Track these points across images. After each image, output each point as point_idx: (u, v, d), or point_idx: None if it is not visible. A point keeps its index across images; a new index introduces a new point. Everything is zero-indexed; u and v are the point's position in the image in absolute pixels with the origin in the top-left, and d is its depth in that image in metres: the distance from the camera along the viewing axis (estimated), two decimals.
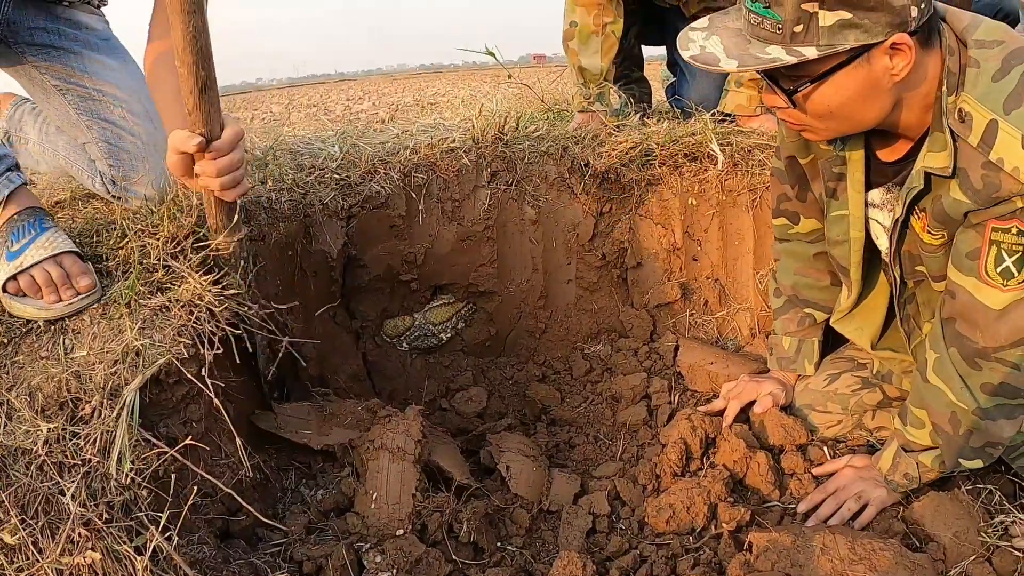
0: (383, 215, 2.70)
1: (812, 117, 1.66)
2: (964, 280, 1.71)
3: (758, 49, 1.56)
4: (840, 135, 1.78)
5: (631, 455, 2.41)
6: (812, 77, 1.58)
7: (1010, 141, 1.49)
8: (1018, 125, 1.48)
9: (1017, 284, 1.62)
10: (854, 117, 1.66)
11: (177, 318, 1.85)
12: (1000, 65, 1.53)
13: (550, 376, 2.95)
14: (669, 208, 2.99)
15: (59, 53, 2.29)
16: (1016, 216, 1.56)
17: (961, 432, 1.80)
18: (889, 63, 1.54)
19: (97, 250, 2.05)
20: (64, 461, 1.54)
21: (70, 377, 1.67)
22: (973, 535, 1.82)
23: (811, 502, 2.05)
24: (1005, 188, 1.53)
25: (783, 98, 1.65)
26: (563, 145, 2.98)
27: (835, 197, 2.01)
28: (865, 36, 1.49)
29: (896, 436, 2.00)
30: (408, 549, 1.80)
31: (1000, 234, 1.60)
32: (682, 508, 2.01)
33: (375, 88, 35.29)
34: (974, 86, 1.55)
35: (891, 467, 1.99)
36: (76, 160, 2.35)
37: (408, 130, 3.17)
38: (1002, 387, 1.73)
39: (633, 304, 3.11)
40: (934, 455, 1.90)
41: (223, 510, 1.83)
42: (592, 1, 3.23)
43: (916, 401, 1.92)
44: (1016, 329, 1.66)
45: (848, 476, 2.05)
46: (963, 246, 1.70)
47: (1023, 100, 1.48)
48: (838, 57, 1.53)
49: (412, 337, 2.92)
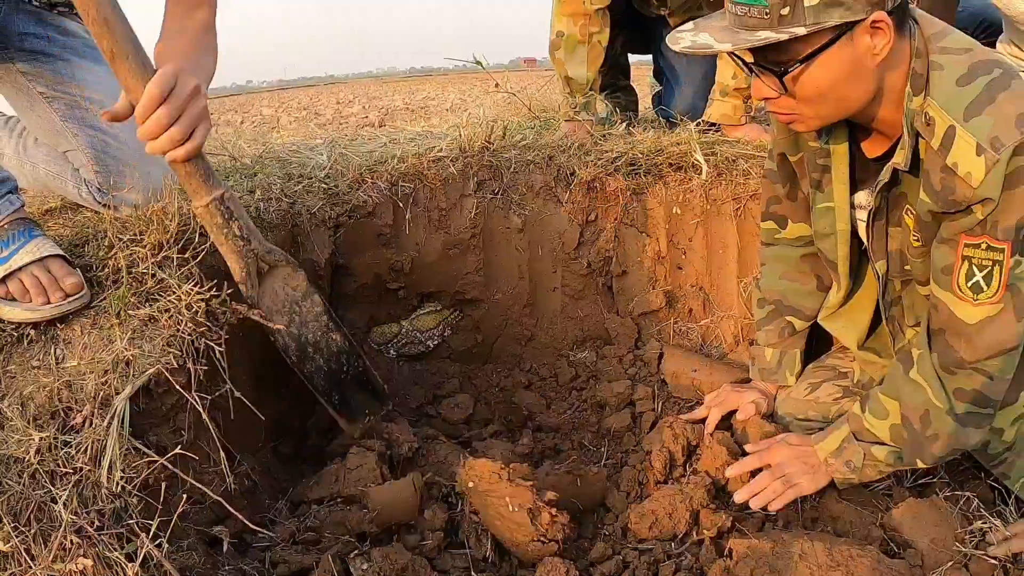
0: (370, 224, 2.73)
1: (801, 102, 1.71)
2: (942, 295, 1.76)
3: (749, 34, 1.62)
4: (828, 121, 1.82)
5: (615, 461, 2.44)
6: (800, 58, 1.62)
7: (965, 147, 1.56)
8: (974, 132, 1.55)
9: (987, 299, 1.67)
10: (841, 99, 1.70)
11: (166, 328, 1.88)
12: (966, 71, 1.60)
13: (536, 383, 2.97)
14: (654, 217, 3.03)
15: (48, 59, 2.28)
16: (986, 232, 1.62)
17: (928, 434, 1.83)
18: (870, 42, 1.59)
19: (85, 260, 2.07)
20: (56, 469, 1.56)
21: (61, 387, 1.69)
22: (951, 541, 1.84)
23: (744, 466, 2.08)
24: (959, 192, 1.60)
25: (774, 84, 1.69)
26: (549, 154, 3.01)
27: (820, 189, 2.04)
28: (848, 13, 1.55)
29: (850, 421, 2.01)
30: (394, 557, 1.82)
31: (971, 249, 1.65)
32: (664, 515, 2.03)
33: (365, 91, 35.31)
34: (938, 89, 1.62)
35: (836, 451, 1.99)
36: (58, 171, 2.34)
37: (396, 139, 3.20)
38: (975, 394, 1.76)
39: (618, 312, 3.14)
40: (889, 450, 1.92)
41: (212, 517, 1.85)
42: (579, 11, 3.27)
43: (890, 391, 1.93)
44: (991, 344, 1.70)
45: (783, 453, 2.06)
46: (939, 261, 1.74)
47: (983, 109, 1.55)
48: (824, 36, 1.59)
49: (399, 344, 2.95)
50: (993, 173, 1.54)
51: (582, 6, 3.24)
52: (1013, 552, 1.77)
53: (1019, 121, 1.52)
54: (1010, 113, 1.53)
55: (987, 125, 1.54)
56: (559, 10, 3.29)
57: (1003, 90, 1.55)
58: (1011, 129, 1.52)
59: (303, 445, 2.45)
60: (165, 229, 2.06)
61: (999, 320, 1.69)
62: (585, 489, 2.16)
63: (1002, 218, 1.59)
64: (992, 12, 3.41)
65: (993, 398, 1.77)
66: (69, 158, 2.30)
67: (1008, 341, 1.70)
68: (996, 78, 1.57)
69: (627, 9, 3.58)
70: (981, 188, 1.56)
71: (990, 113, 1.54)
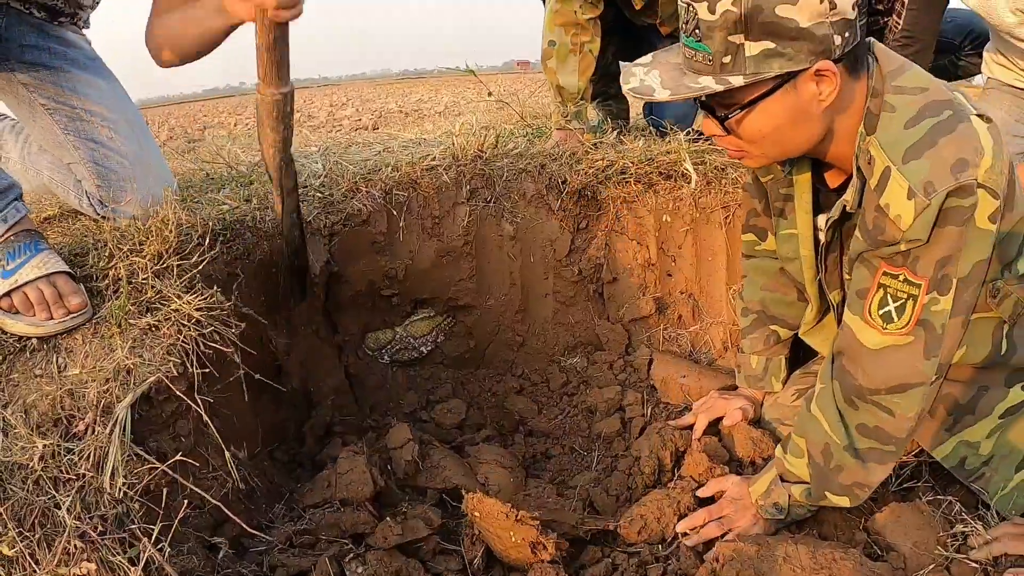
0: (365, 232, 2.77)
1: (746, 142, 1.72)
2: (851, 318, 1.77)
3: (691, 80, 1.63)
4: (775, 160, 1.84)
5: (605, 466, 2.47)
6: (742, 104, 1.64)
7: (898, 190, 1.56)
8: (908, 176, 1.55)
9: (896, 329, 1.67)
10: (786, 142, 1.71)
11: (166, 337, 1.91)
12: (915, 113, 1.59)
13: (527, 388, 3.01)
14: (644, 225, 3.07)
15: (49, 72, 2.31)
16: (907, 264, 1.62)
17: (832, 466, 1.85)
18: (816, 89, 1.60)
19: (86, 270, 2.10)
20: (59, 476, 1.59)
21: (64, 395, 1.72)
22: (933, 545, 1.85)
23: (692, 521, 2.07)
24: (888, 233, 1.60)
25: (717, 125, 1.71)
26: (541, 163, 3.05)
27: (783, 216, 2.07)
28: (789, 64, 1.56)
29: (776, 464, 2.03)
30: (388, 560, 1.86)
31: (889, 279, 1.66)
32: (653, 519, 2.07)
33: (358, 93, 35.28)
34: (884, 131, 1.62)
35: (764, 493, 2.00)
36: (62, 180, 2.38)
37: (390, 147, 3.24)
38: (877, 431, 1.77)
39: (608, 318, 3.18)
40: (803, 488, 1.94)
41: (211, 521, 1.89)
42: (570, 21, 3.30)
43: (798, 430, 1.95)
44: (890, 376, 1.71)
45: (724, 496, 2.09)
46: (856, 283, 1.76)
47: (923, 152, 1.55)
48: (765, 84, 1.60)
49: (393, 350, 2.99)
50: (922, 217, 1.54)
51: (574, 16, 3.28)
52: (993, 556, 1.79)
53: (956, 167, 1.52)
54: (948, 158, 1.53)
55: (923, 169, 1.54)
56: (551, 20, 3.33)
57: (946, 134, 1.55)
58: (946, 174, 1.52)
59: (299, 451, 2.49)
60: (165, 239, 2.10)
61: (903, 352, 1.69)
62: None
63: (925, 254, 1.60)
64: (979, 23, 3.46)
65: (896, 436, 1.77)
66: (72, 169, 2.33)
67: (910, 377, 1.70)
68: (942, 121, 1.56)
69: (618, 18, 3.62)
70: (909, 231, 1.56)
71: (928, 157, 1.54)
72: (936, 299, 1.63)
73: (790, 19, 1.51)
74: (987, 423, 1.89)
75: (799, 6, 1.51)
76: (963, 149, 1.53)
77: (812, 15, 1.51)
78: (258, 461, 2.26)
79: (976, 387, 1.89)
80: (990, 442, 1.90)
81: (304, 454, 2.47)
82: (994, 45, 3.14)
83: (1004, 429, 1.89)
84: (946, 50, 3.53)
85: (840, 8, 1.53)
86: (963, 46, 3.78)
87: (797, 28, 1.52)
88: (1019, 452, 1.88)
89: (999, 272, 1.75)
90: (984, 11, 2.83)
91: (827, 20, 1.53)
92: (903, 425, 1.75)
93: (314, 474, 2.26)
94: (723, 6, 1.53)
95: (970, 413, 1.90)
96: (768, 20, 1.52)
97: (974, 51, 3.71)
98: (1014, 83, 3.09)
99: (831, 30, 1.54)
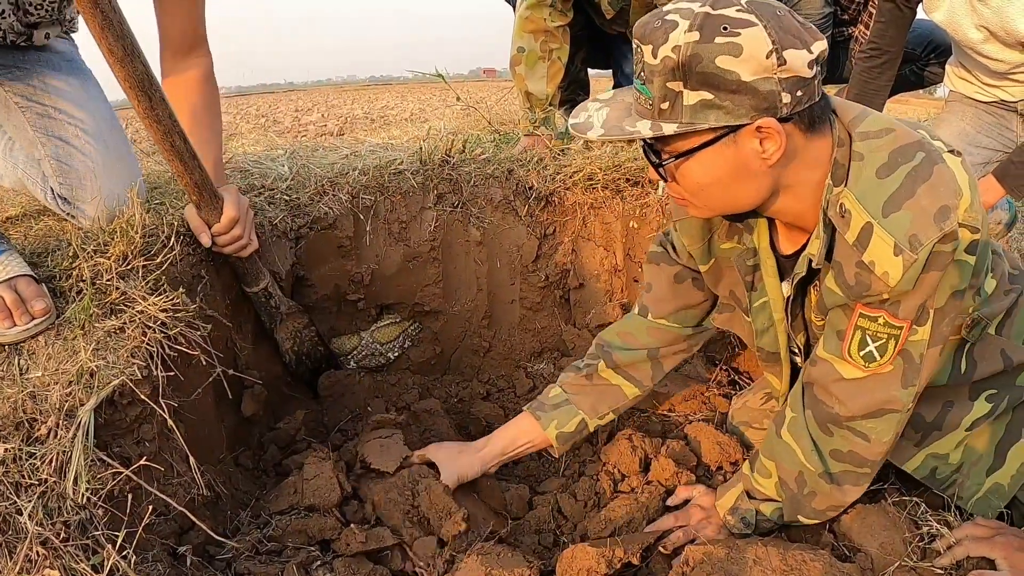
0: (331, 236, 2.76)
1: (687, 191, 1.67)
2: (827, 355, 1.75)
3: (630, 123, 1.59)
4: (719, 213, 1.78)
5: (573, 471, 2.48)
6: (677, 153, 1.59)
7: (883, 247, 1.51)
8: (892, 231, 1.50)
9: (878, 367, 1.67)
10: (727, 196, 1.66)
11: (131, 339, 1.89)
12: (887, 159, 1.53)
13: (494, 394, 3.01)
14: (611, 231, 3.08)
15: (23, 72, 2.31)
16: (885, 308, 1.60)
17: (805, 492, 1.86)
18: (759, 147, 1.54)
19: (49, 270, 2.07)
20: (21, 481, 1.56)
21: (25, 398, 1.69)
22: (899, 545, 1.86)
23: (659, 525, 2.07)
24: (875, 288, 1.57)
25: (654, 170, 1.68)
26: (508, 168, 3.06)
27: (754, 288, 2.01)
28: (727, 117, 1.49)
29: (743, 480, 2.03)
30: (356, 566, 1.85)
31: (867, 321, 1.64)
32: (622, 524, 2.08)
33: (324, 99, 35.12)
34: (856, 182, 1.56)
35: (731, 508, 2.01)
36: (32, 175, 2.36)
37: (357, 151, 3.22)
38: (851, 455, 1.77)
39: (575, 324, 3.19)
40: (775, 507, 1.94)
41: (177, 528, 1.86)
42: (539, 28, 3.32)
43: (767, 452, 1.95)
44: (868, 403, 1.70)
45: (695, 501, 2.09)
46: (834, 323, 1.74)
47: (902, 203, 1.50)
48: (701, 136, 1.54)
49: (360, 356, 2.97)
50: (911, 271, 1.51)
51: (543, 23, 3.30)
52: (956, 560, 1.81)
53: (938, 216, 1.47)
54: (929, 208, 1.47)
55: (905, 222, 1.49)
56: (520, 26, 3.34)
57: (923, 181, 1.49)
58: (930, 225, 1.47)
59: (264, 457, 2.46)
60: (130, 240, 2.07)
61: (882, 381, 1.68)
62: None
63: (907, 299, 1.58)
64: (940, 34, 3.51)
65: (870, 459, 1.77)
66: (40, 166, 2.32)
67: (888, 403, 1.69)
68: (917, 166, 1.50)
69: (588, 25, 3.64)
70: (898, 286, 1.54)
71: (909, 208, 1.49)
72: (915, 330, 1.62)
73: (731, 71, 1.45)
74: (955, 436, 1.90)
75: (742, 59, 1.44)
76: (943, 195, 1.48)
77: (756, 70, 1.45)
78: (223, 467, 2.24)
79: (941, 404, 1.89)
80: (959, 452, 1.91)
81: (268, 460, 2.45)
82: (956, 59, 3.19)
83: (971, 438, 1.90)
84: (907, 60, 3.57)
85: (791, 65, 1.46)
86: (923, 56, 3.84)
87: (738, 81, 1.46)
88: (988, 456, 1.90)
89: (971, 298, 1.72)
90: (950, 27, 2.87)
91: (774, 76, 1.46)
92: (878, 449, 1.75)
93: (280, 481, 2.24)
94: (664, 51, 1.47)
95: (937, 429, 1.90)
96: (707, 71, 1.46)
97: (937, 62, 3.77)
98: (976, 95, 3.14)
99: (778, 87, 1.47)
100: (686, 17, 1.46)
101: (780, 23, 1.46)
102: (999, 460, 1.90)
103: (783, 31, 1.45)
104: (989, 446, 1.90)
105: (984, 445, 1.90)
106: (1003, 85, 3.00)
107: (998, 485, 1.90)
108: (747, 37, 1.44)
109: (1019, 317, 1.85)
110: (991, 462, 1.90)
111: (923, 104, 9.09)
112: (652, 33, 1.49)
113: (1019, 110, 3.04)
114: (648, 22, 1.52)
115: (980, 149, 3.14)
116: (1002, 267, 1.82)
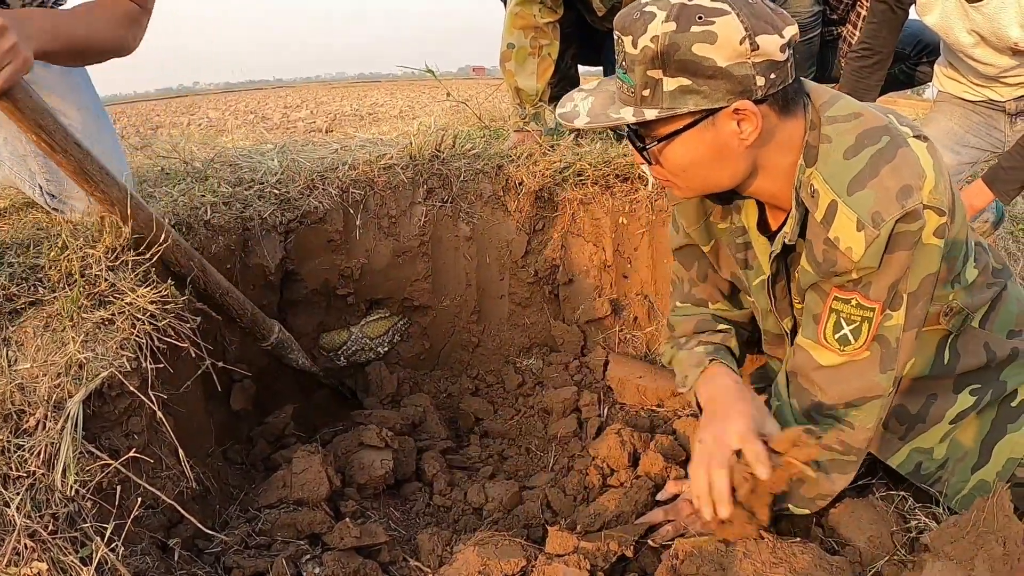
0: (321, 230, 2.75)
1: (670, 173, 1.73)
2: (805, 341, 1.79)
3: (615, 110, 1.66)
4: (701, 193, 1.84)
5: (562, 466, 2.48)
6: (660, 137, 1.66)
7: (846, 222, 1.58)
8: (855, 208, 1.56)
9: (853, 351, 1.70)
10: (708, 176, 1.72)
11: (120, 331, 1.88)
12: (853, 141, 1.60)
13: (483, 389, 3.02)
14: (600, 226, 3.08)
15: None
16: (857, 289, 1.65)
17: (793, 481, 1.85)
18: (736, 128, 1.61)
19: (38, 261, 2.06)
20: (9, 473, 1.55)
21: (14, 389, 1.68)
22: (887, 539, 1.88)
23: (649, 518, 2.06)
24: (840, 264, 1.62)
25: (639, 154, 1.74)
26: (498, 163, 3.06)
27: (749, 267, 2.04)
28: (705, 101, 1.56)
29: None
30: (346, 560, 1.85)
31: (840, 303, 1.68)
32: (612, 518, 2.08)
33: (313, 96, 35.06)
34: (824, 163, 1.63)
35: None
36: (19, 171, 2.34)
37: (347, 145, 3.22)
38: (838, 443, 1.79)
39: (564, 319, 3.19)
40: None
41: (165, 521, 1.86)
42: (529, 24, 3.32)
43: None
44: (848, 390, 1.74)
45: (685, 494, 2.07)
46: (808, 308, 1.78)
47: (866, 183, 1.56)
48: (682, 119, 1.61)
49: (350, 352, 2.97)
50: (873, 247, 1.56)
51: (533, 19, 3.30)
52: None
53: (900, 194, 1.53)
54: (892, 187, 1.54)
55: (869, 199, 1.55)
56: (511, 23, 3.34)
57: (887, 162, 1.56)
58: (892, 203, 1.54)
59: (252, 451, 2.46)
60: (119, 233, 2.06)
61: (860, 367, 1.72)
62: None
63: (876, 280, 1.62)
64: (929, 34, 3.52)
65: (856, 446, 1.80)
66: (26, 161, 2.30)
67: (868, 391, 1.73)
68: (882, 148, 1.58)
69: (579, 22, 3.64)
70: (861, 261, 1.59)
71: (873, 187, 1.55)
72: (889, 315, 1.66)
73: (707, 58, 1.52)
74: (939, 429, 1.92)
75: (717, 46, 1.52)
76: (905, 175, 1.55)
77: (731, 55, 1.52)
78: (212, 460, 2.23)
79: (925, 396, 1.91)
80: (943, 446, 1.93)
81: (257, 454, 2.45)
82: (946, 59, 3.21)
83: (955, 432, 1.92)
84: (897, 59, 3.58)
85: (764, 50, 1.53)
86: (913, 56, 3.85)
87: (714, 67, 1.53)
88: (973, 453, 1.91)
89: (950, 286, 1.78)
90: (942, 30, 2.89)
91: (748, 61, 1.53)
92: (862, 436, 1.78)
93: (269, 475, 2.23)
94: (643, 41, 1.54)
95: (921, 422, 1.93)
96: (685, 58, 1.53)
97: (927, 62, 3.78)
98: (964, 95, 3.16)
99: (752, 71, 1.55)
100: (663, 8, 1.54)
101: (752, 10, 1.54)
102: (984, 457, 1.91)
103: (755, 17, 1.53)
104: (974, 442, 1.92)
105: (969, 441, 1.92)
106: (992, 86, 3.02)
107: (983, 482, 1.91)
108: (721, 25, 1.51)
109: (1003, 311, 1.89)
110: (976, 459, 1.91)
111: (912, 104, 9.12)
112: (632, 24, 1.57)
113: (1007, 110, 3.06)
114: (628, 14, 1.60)
115: (968, 148, 3.16)
116: (986, 260, 1.87)
